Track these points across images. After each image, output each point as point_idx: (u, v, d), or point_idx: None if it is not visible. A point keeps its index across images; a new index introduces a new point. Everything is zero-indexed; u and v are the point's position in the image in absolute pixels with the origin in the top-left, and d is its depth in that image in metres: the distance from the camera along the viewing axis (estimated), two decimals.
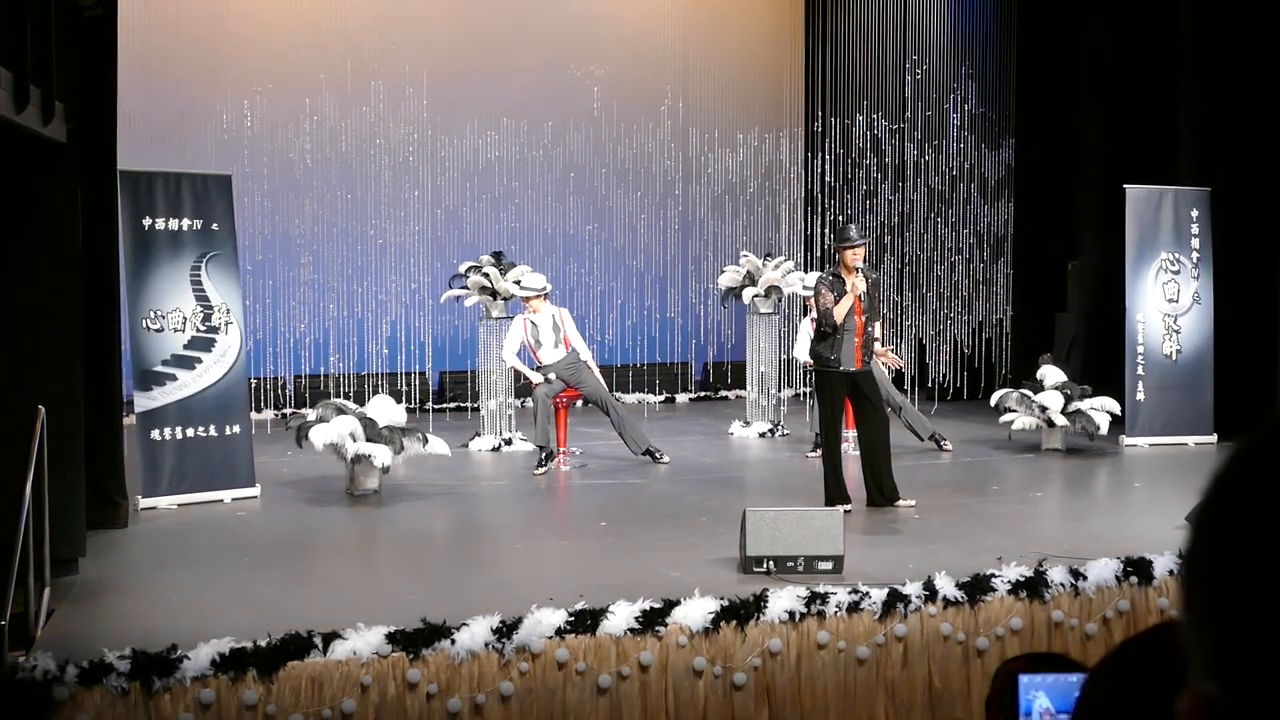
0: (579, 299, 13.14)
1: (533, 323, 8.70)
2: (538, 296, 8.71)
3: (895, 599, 4.96)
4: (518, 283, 9.43)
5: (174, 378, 7.15)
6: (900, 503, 6.89)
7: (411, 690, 4.40)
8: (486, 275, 9.54)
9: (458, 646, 4.46)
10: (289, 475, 8.20)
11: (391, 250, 12.38)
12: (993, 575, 5.16)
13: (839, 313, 6.72)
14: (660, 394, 13.21)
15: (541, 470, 8.33)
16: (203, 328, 7.29)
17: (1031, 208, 12.21)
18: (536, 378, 8.56)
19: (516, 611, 4.61)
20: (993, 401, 9.42)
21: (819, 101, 13.53)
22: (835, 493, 6.86)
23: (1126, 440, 9.31)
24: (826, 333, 6.79)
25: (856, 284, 6.74)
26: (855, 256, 6.77)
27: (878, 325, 6.96)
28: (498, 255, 9.85)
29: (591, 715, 4.57)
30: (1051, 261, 11.71)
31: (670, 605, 4.74)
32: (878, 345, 6.88)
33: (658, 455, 8.66)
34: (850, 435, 7.71)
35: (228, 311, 7.38)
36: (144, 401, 7.08)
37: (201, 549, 6.14)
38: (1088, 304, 11.02)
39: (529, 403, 12.61)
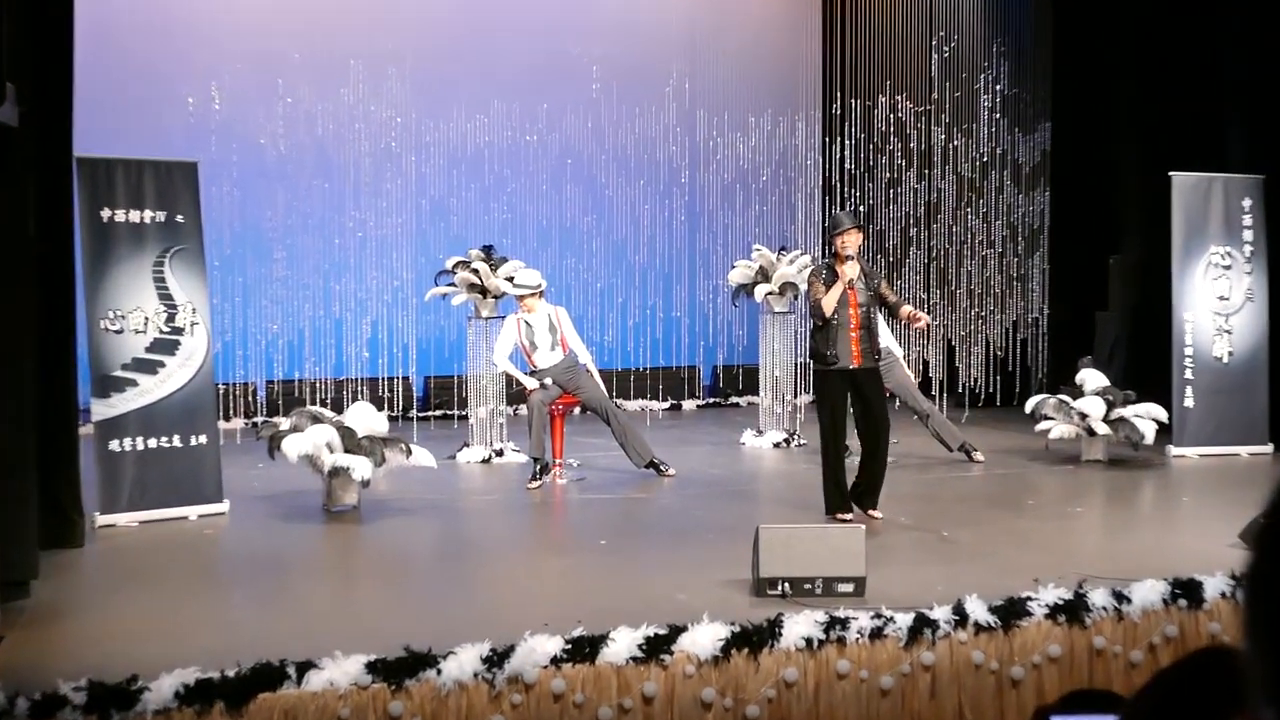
0: (577, 297, 13.16)
1: (527, 323, 8.69)
2: (533, 294, 8.70)
3: (922, 624, 4.93)
4: (510, 279, 9.43)
5: (135, 383, 7.15)
6: (872, 513, 7.01)
7: None
8: (475, 271, 9.54)
9: (444, 676, 4.44)
10: (260, 490, 8.18)
11: (372, 244, 12.39)
12: (1028, 598, 5.13)
13: (828, 303, 6.83)
14: (665, 401, 13.22)
15: (536, 484, 8.33)
16: (166, 329, 7.28)
17: (1069, 197, 12.21)
18: (531, 383, 8.55)
19: (508, 638, 4.59)
20: (1028, 408, 9.42)
21: (838, 82, 13.53)
22: (835, 503, 6.98)
23: (1174, 450, 9.30)
24: (819, 326, 6.93)
25: (846, 270, 6.81)
26: (846, 244, 6.83)
27: (914, 311, 6.97)
28: (488, 249, 9.85)
29: None
30: (1091, 255, 11.71)
31: (676, 631, 4.72)
32: (906, 308, 6.89)
33: (663, 468, 8.65)
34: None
35: (193, 311, 7.37)
36: (102, 409, 7.07)
37: (165, 570, 6.13)
38: (1131, 302, 11.02)
39: (522, 410, 12.71)
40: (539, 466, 8.39)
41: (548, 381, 8.53)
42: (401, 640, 4.56)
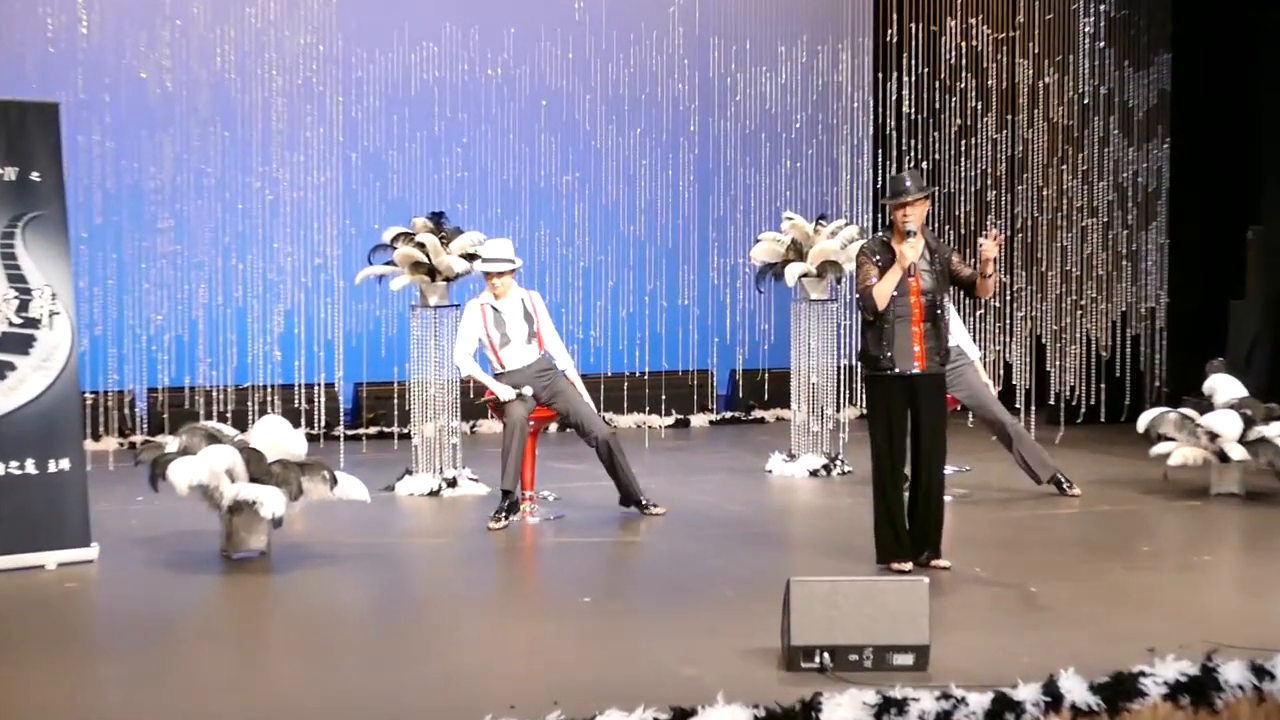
0: (553, 280, 13.16)
1: (495, 309, 8.66)
2: (506, 272, 8.69)
3: (1003, 707, 4.92)
4: (469, 256, 9.40)
5: None
6: (936, 563, 7.02)
7: None
8: (421, 246, 9.53)
9: None
10: (140, 531, 8.14)
11: (286, 210, 12.38)
12: (1142, 673, 5.13)
13: (881, 294, 6.83)
14: (669, 415, 13.21)
15: (501, 524, 8.32)
16: (17, 320, 7.24)
17: (1193, 151, 12.20)
18: (506, 391, 8.48)
19: None
20: (1141, 426, 9.40)
21: (893, 1, 13.51)
22: (890, 547, 6.97)
23: None
24: (871, 321, 6.92)
25: (904, 252, 6.81)
26: (910, 216, 6.84)
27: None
28: (437, 218, 9.84)
29: None
30: (1222, 228, 11.72)
31: (683, 716, 4.71)
32: (984, 242, 6.87)
33: (648, 506, 8.63)
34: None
35: (53, 298, 7.34)
36: None
37: (14, 634, 6.09)
38: (1276, 288, 11.01)
39: (484, 427, 12.70)
40: (508, 502, 8.37)
41: (527, 391, 8.48)
42: None
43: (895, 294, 6.86)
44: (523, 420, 8.39)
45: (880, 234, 7.38)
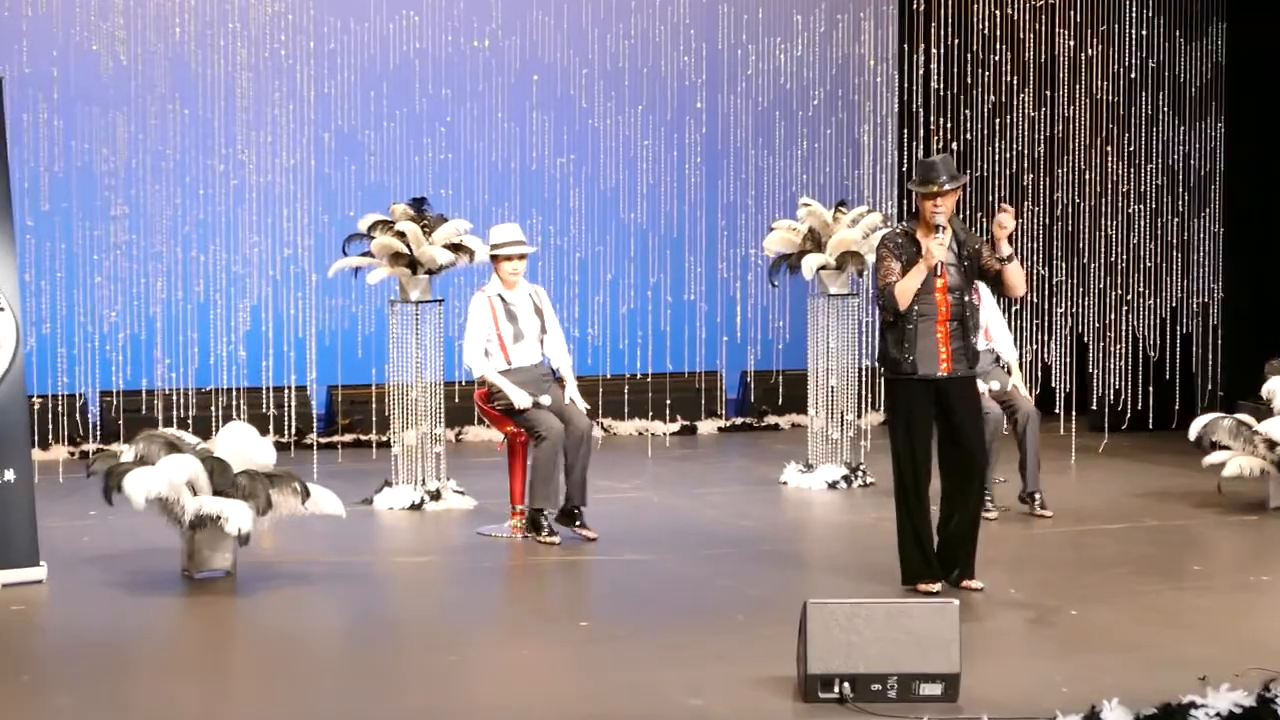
0: (547, 272, 13.15)
1: (503, 299, 8.67)
2: (519, 257, 8.70)
3: None
4: (454, 247, 9.41)
5: None
6: (967, 584, 7.04)
7: None
8: (401, 235, 9.54)
9: None
10: (92, 548, 8.14)
11: (253, 195, 12.39)
12: (1193, 704, 5.14)
13: (903, 291, 6.84)
14: (674, 421, 13.21)
15: (554, 538, 8.33)
16: None
17: (1250, 131, 12.19)
18: (522, 398, 8.45)
19: None
20: (1193, 433, 9.41)
21: None
22: (916, 566, 6.99)
23: None
24: (892, 321, 6.93)
25: (931, 249, 6.83)
26: (939, 207, 6.86)
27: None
28: (419, 204, 9.85)
29: None
30: None
31: None
32: (1002, 217, 6.90)
33: (581, 523, 8.54)
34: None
35: None
36: None
37: None
38: None
39: (470, 434, 12.63)
40: (545, 519, 8.39)
41: (545, 401, 8.48)
42: None
43: (919, 291, 6.88)
44: (560, 431, 8.37)
45: (904, 224, 7.38)
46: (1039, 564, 7.90)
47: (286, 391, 11.99)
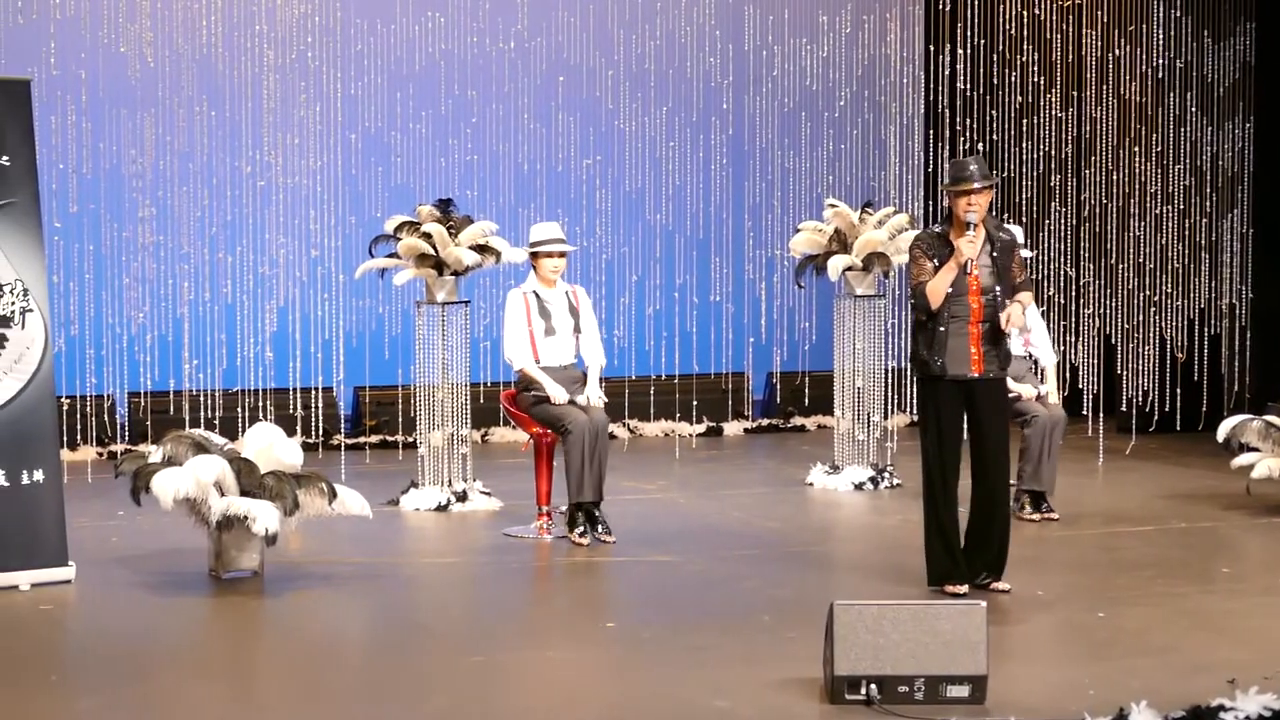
0: (574, 274, 13.10)
1: (538, 296, 8.68)
2: (560, 255, 8.70)
3: None
4: (480, 248, 9.42)
5: None
6: (995, 586, 7.04)
7: None
8: (428, 236, 9.55)
9: None
10: (121, 548, 8.17)
11: (280, 197, 12.42)
12: (1221, 707, 5.12)
13: (935, 291, 6.85)
14: (700, 422, 13.19)
15: (586, 538, 8.34)
16: None
17: (1279, 130, 12.12)
18: (559, 393, 8.43)
19: None
20: (1221, 435, 9.38)
21: None
22: (943, 567, 7.00)
23: None
24: (923, 321, 6.93)
25: (962, 248, 6.83)
26: (973, 206, 6.85)
27: (1020, 308, 6.98)
28: (444, 205, 9.87)
29: None
30: None
31: None
32: (1016, 309, 6.90)
33: (600, 521, 8.53)
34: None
35: (24, 293, 7.37)
36: None
37: None
38: None
39: (496, 434, 12.68)
40: (583, 515, 8.39)
41: (581, 399, 8.47)
42: None
43: (951, 292, 6.87)
44: (588, 426, 8.35)
45: (935, 226, 7.38)
46: (1066, 566, 7.88)
47: (313, 392, 12.03)
